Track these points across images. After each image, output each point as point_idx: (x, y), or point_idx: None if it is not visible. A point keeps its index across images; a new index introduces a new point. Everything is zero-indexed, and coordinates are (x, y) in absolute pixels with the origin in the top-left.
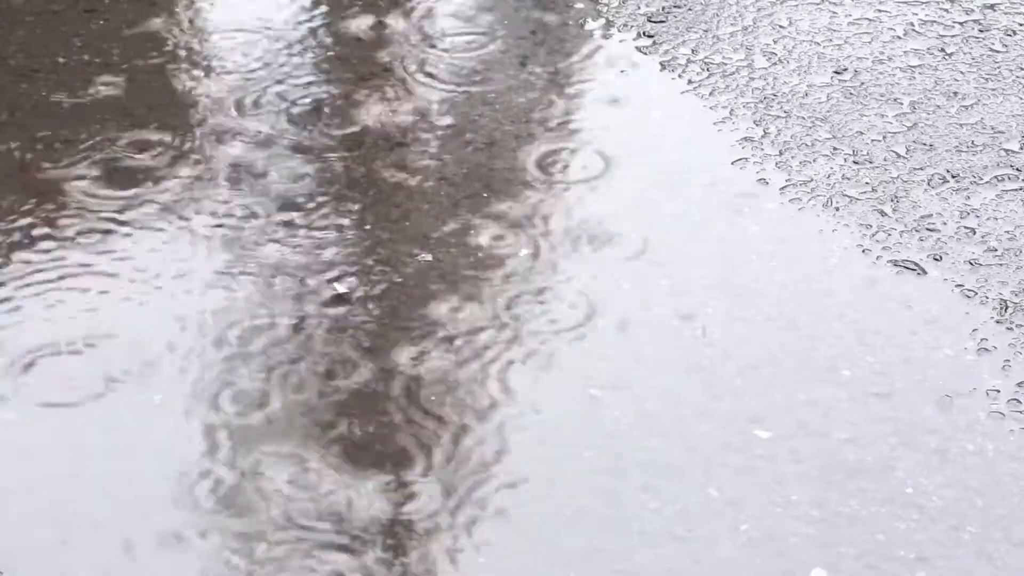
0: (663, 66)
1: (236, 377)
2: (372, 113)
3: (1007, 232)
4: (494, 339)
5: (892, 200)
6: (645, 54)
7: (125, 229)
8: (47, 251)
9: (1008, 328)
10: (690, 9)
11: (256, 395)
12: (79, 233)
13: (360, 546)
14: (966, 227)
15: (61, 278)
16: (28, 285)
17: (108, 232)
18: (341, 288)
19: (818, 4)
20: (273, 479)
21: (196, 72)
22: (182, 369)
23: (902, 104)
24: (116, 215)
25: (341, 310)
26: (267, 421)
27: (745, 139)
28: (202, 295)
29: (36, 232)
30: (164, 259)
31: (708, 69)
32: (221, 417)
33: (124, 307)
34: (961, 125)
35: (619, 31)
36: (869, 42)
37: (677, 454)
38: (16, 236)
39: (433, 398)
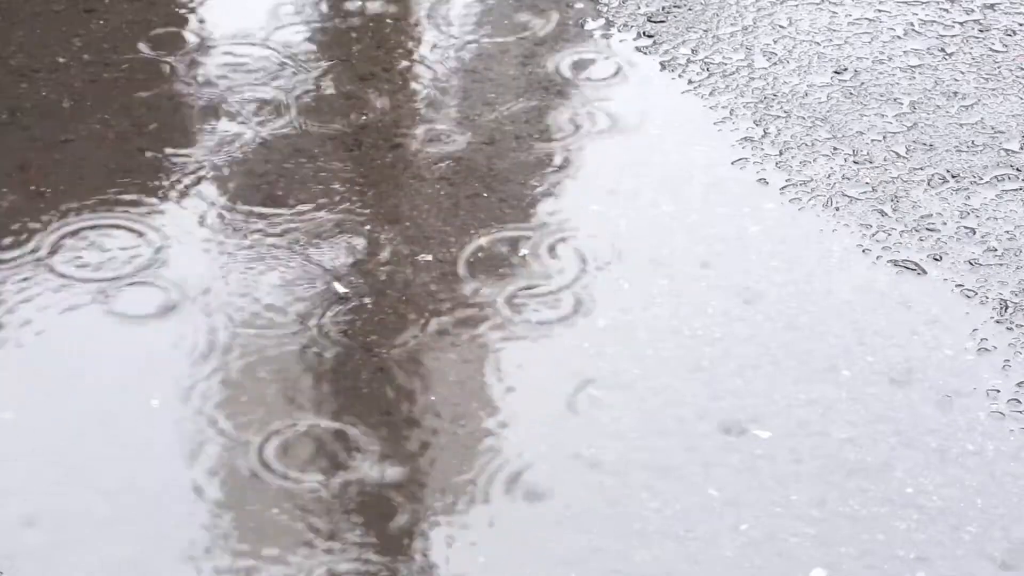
0: (663, 66)
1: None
2: (371, 112)
3: (1007, 232)
4: (494, 337)
5: (892, 200)
6: (645, 54)
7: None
8: None
9: (1008, 328)
10: (690, 9)
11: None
12: None
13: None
14: (966, 227)
15: None
16: None
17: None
18: (341, 288)
19: (818, 4)
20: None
21: (193, 70)
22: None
23: (902, 104)
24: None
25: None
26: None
27: (745, 139)
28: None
29: None
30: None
31: (708, 69)
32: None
33: None
34: (961, 125)
35: (619, 31)
36: (869, 42)
37: (677, 454)
38: None
39: (434, 398)
